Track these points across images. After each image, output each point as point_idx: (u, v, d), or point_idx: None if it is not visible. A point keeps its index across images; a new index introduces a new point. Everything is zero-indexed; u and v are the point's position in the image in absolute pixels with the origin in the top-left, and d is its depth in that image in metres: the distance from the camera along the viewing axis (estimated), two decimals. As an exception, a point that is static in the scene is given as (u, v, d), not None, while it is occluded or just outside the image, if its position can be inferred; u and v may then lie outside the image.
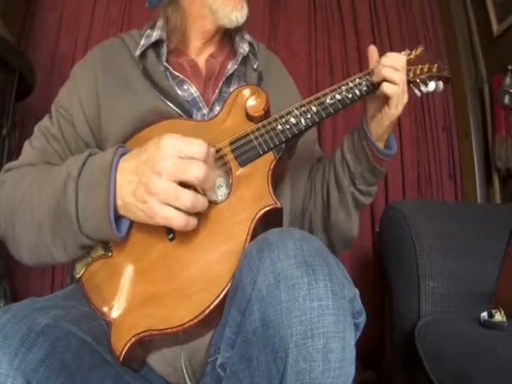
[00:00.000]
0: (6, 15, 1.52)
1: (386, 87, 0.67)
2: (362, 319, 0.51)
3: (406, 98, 0.70)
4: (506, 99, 1.60)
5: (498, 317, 0.96)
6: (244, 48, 0.81)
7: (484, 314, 0.97)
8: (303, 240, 0.49)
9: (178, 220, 0.52)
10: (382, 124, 0.71)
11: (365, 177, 0.75)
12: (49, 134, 0.73)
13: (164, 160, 0.51)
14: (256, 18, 1.84)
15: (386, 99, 0.69)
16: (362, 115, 0.76)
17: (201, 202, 0.53)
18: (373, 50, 0.74)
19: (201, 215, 0.56)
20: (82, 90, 0.74)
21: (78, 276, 0.62)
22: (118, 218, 0.56)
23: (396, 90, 0.67)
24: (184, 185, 0.52)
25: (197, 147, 0.52)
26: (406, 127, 1.85)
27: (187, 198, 0.51)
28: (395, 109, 0.69)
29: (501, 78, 1.63)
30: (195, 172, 0.51)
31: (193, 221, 0.54)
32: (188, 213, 0.53)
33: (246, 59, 0.81)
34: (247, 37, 0.84)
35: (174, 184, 0.51)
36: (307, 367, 0.43)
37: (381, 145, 0.73)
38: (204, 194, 0.55)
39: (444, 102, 1.91)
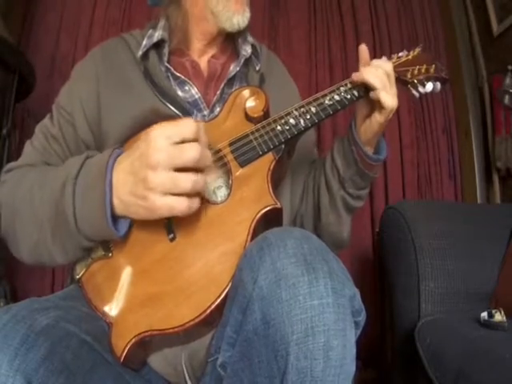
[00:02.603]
0: (6, 15, 1.53)
1: (384, 98, 0.66)
2: (362, 317, 0.51)
3: (395, 105, 0.68)
4: (506, 99, 1.60)
5: (498, 317, 0.96)
6: (246, 50, 0.81)
7: (484, 314, 0.97)
8: (303, 239, 0.49)
9: (180, 206, 0.51)
10: (371, 130, 0.71)
11: (354, 181, 0.75)
12: (49, 135, 0.73)
13: (156, 153, 0.50)
14: (256, 19, 1.83)
15: (376, 105, 0.68)
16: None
17: (201, 181, 0.53)
18: (363, 50, 0.73)
19: (202, 215, 0.56)
20: (83, 91, 0.74)
21: (78, 276, 0.62)
22: (117, 217, 0.56)
23: (390, 102, 0.67)
24: (183, 169, 0.52)
25: (186, 127, 0.52)
26: (405, 127, 1.85)
27: (186, 181, 0.51)
28: (385, 117, 0.69)
29: (501, 78, 1.63)
30: (189, 154, 0.51)
31: (195, 203, 0.53)
32: (190, 195, 0.52)
33: (248, 61, 0.81)
34: (250, 39, 0.84)
35: (170, 173, 0.51)
36: (308, 365, 0.43)
37: (370, 149, 0.73)
38: (203, 171, 0.54)
39: (444, 102, 1.91)
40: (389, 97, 0.67)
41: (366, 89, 0.70)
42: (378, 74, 0.67)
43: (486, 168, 1.78)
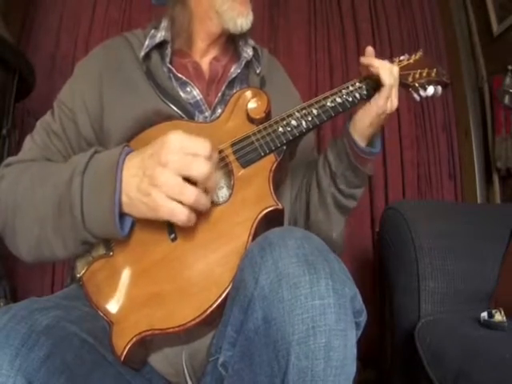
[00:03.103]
0: (6, 15, 1.52)
1: (383, 73, 0.68)
2: (363, 318, 0.51)
3: (395, 101, 0.69)
4: (506, 99, 1.61)
5: (498, 317, 0.96)
6: (248, 52, 0.81)
7: (484, 314, 0.97)
8: (304, 239, 0.50)
9: (181, 214, 0.52)
10: (369, 114, 0.70)
11: (346, 176, 0.74)
12: (50, 131, 0.73)
13: (170, 154, 0.51)
14: (256, 19, 1.82)
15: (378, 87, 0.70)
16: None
17: (204, 200, 0.53)
18: (369, 53, 0.73)
19: (203, 216, 0.56)
20: (86, 89, 0.74)
21: (79, 275, 0.62)
22: (122, 216, 0.56)
23: (390, 79, 0.68)
24: (187, 181, 0.52)
25: (202, 145, 0.53)
26: (405, 127, 1.85)
27: (191, 193, 0.51)
28: (384, 99, 0.68)
29: (501, 78, 1.63)
30: (200, 168, 0.51)
31: (194, 217, 0.54)
32: (190, 209, 0.53)
33: (249, 63, 0.82)
34: (251, 41, 0.84)
35: (178, 178, 0.51)
36: (309, 365, 0.43)
37: (363, 142, 0.72)
38: (206, 193, 0.55)
39: (444, 101, 1.91)
40: (387, 73, 0.68)
41: (368, 92, 0.70)
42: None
43: (486, 168, 1.78)
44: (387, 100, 0.69)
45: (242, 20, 0.76)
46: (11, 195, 0.62)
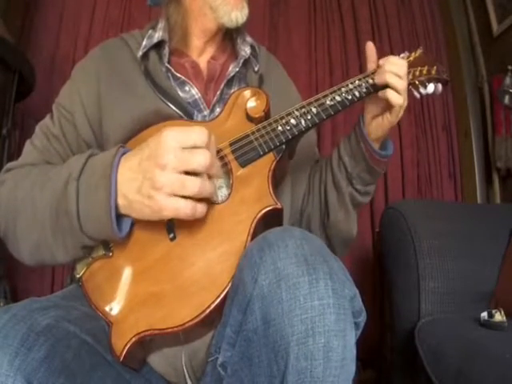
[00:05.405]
0: (6, 15, 1.53)
1: (391, 96, 0.67)
2: (363, 318, 0.51)
3: (405, 104, 0.70)
4: (506, 99, 1.60)
5: (498, 317, 0.96)
6: (246, 50, 0.81)
7: (484, 314, 0.97)
8: (304, 239, 0.49)
9: (185, 209, 0.51)
10: (382, 128, 0.72)
11: (362, 177, 0.75)
12: (50, 134, 0.72)
13: (167, 153, 0.50)
14: (256, 18, 1.84)
15: (388, 105, 0.69)
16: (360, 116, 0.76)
17: (208, 187, 0.53)
18: (370, 48, 0.73)
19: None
20: (84, 91, 0.74)
21: (78, 276, 0.62)
22: (120, 217, 0.56)
23: (400, 101, 0.68)
24: (190, 174, 0.52)
25: (198, 134, 0.52)
26: (405, 127, 1.85)
27: (194, 184, 0.51)
28: (396, 116, 0.70)
29: (501, 78, 1.63)
30: (200, 160, 0.51)
31: (201, 208, 0.53)
32: (196, 199, 0.52)
33: (247, 61, 0.81)
34: (249, 39, 0.84)
35: (178, 174, 0.51)
36: (308, 366, 0.43)
37: (377, 146, 0.74)
38: (211, 179, 0.54)
39: (444, 101, 1.91)
40: (398, 95, 0.67)
41: (367, 89, 0.70)
42: (398, 71, 0.68)
43: (486, 168, 1.78)
44: (399, 114, 0.70)
45: (236, 13, 0.76)
46: (12, 201, 0.62)
